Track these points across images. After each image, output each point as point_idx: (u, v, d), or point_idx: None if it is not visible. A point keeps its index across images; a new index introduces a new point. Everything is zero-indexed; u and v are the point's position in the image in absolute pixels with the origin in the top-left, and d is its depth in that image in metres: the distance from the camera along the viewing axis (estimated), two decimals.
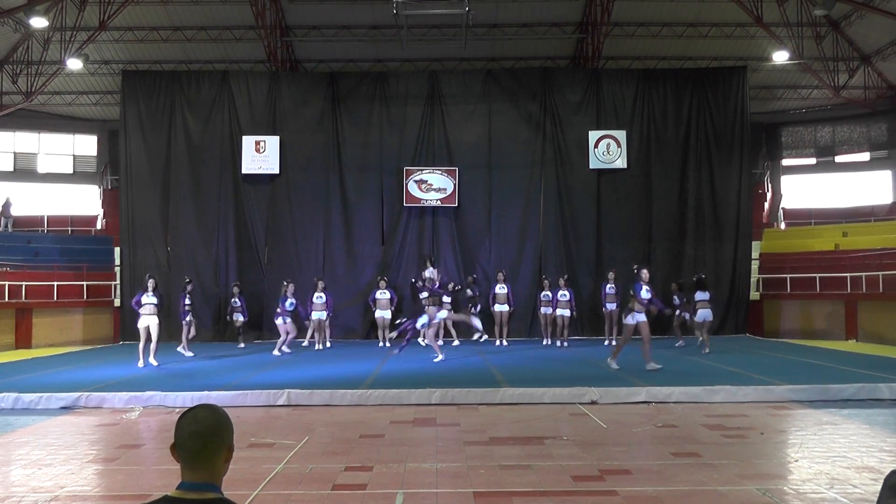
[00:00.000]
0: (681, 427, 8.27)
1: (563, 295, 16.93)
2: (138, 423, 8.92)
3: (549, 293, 17.30)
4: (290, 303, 16.31)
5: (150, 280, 14.06)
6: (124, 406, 9.87)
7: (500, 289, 17.55)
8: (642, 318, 11.91)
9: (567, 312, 16.89)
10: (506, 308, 17.57)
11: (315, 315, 17.03)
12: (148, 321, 13.59)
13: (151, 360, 13.63)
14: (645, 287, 11.96)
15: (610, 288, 17.03)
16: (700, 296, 15.44)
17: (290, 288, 16.39)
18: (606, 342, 16.97)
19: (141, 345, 13.64)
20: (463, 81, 20.59)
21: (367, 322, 19.48)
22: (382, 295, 17.57)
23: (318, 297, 17.05)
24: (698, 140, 20.33)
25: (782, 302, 19.93)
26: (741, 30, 20.32)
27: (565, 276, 17.68)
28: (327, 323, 17.49)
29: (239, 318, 17.89)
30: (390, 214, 20.24)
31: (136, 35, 20.51)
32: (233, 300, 18.06)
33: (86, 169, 24.32)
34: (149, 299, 13.65)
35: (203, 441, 2.08)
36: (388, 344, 17.07)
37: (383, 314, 17.54)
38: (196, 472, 2.08)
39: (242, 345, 17.72)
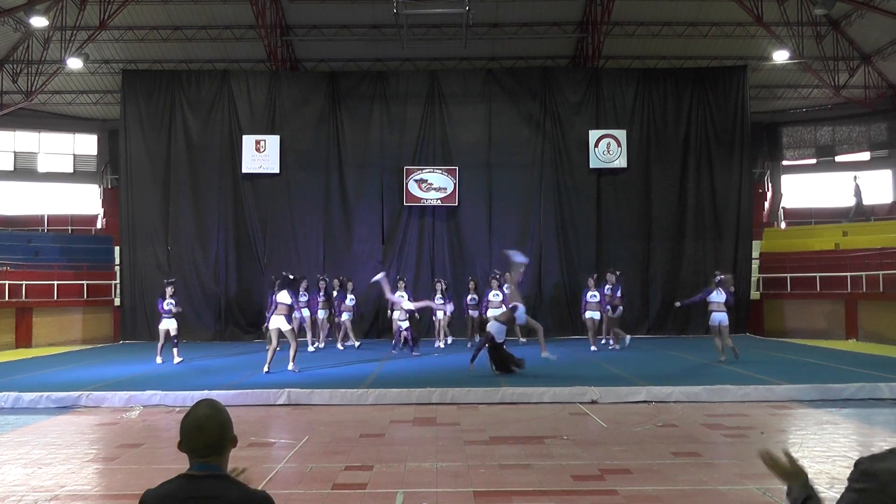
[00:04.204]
0: (681, 426, 8.26)
1: (594, 296, 15.96)
2: (138, 423, 8.92)
3: (596, 293, 15.99)
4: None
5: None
6: (124, 405, 9.88)
7: (495, 296, 16.17)
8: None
9: (597, 315, 15.95)
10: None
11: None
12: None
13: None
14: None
15: (607, 289, 16.86)
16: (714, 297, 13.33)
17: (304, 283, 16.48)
18: (605, 341, 16.90)
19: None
20: (463, 81, 20.59)
21: (367, 322, 19.46)
22: (401, 298, 16.29)
23: (319, 298, 17.02)
24: (698, 139, 20.32)
25: (782, 301, 19.93)
26: (741, 29, 20.31)
27: (594, 276, 16.73)
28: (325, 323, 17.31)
29: (173, 324, 14.21)
30: (390, 214, 20.23)
31: (136, 34, 20.50)
32: (166, 301, 14.18)
33: (86, 168, 24.31)
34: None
35: (212, 440, 2.26)
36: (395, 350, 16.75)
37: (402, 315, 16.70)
38: (208, 461, 2.27)
39: (179, 358, 14.17)
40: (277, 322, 12.12)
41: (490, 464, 6.61)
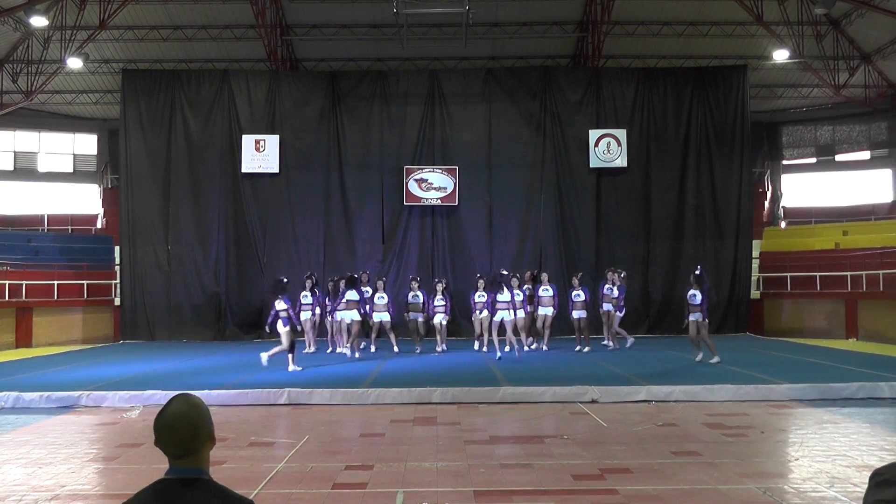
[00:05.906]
0: (681, 426, 8.26)
1: (578, 295, 15.62)
2: (138, 423, 8.91)
3: (580, 292, 15.61)
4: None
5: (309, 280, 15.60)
6: (124, 405, 9.87)
7: (503, 296, 14.90)
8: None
9: (584, 314, 15.58)
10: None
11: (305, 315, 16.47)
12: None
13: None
14: None
15: (608, 289, 16.56)
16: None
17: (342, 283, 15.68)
18: (605, 342, 16.66)
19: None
20: (463, 80, 20.59)
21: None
22: (415, 298, 15.67)
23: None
24: (698, 139, 20.33)
25: (783, 301, 19.94)
26: (741, 28, 20.31)
27: (579, 275, 16.40)
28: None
29: (285, 325, 12.53)
30: (390, 213, 20.24)
31: (136, 34, 20.50)
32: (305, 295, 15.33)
33: (86, 168, 24.31)
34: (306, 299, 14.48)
35: (182, 440, 2.11)
36: (419, 348, 15.75)
37: (416, 316, 15.71)
38: (184, 462, 2.12)
39: (299, 367, 12.47)
40: (350, 315, 14.22)
41: (490, 463, 6.61)
